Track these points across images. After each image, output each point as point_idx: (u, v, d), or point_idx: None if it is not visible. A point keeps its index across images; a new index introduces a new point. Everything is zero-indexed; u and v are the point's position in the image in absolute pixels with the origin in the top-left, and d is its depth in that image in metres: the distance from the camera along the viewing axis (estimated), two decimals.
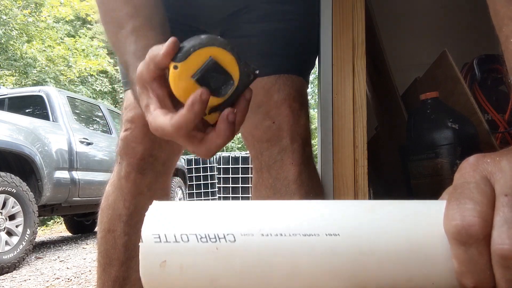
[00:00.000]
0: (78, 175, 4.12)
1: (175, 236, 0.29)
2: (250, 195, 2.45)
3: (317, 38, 0.89)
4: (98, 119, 5.21)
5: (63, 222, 5.73)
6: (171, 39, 0.46)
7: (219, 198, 7.70)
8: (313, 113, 2.51)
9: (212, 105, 0.48)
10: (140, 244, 0.29)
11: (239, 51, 0.48)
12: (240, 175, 7.58)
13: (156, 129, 0.49)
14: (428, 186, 0.96)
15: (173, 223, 0.29)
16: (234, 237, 0.29)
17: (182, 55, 0.46)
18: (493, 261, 0.26)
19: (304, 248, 0.28)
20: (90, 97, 9.29)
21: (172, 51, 0.46)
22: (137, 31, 0.59)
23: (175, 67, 0.46)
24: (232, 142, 13.91)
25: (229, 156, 7.72)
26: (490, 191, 0.27)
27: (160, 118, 0.48)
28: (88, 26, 11.28)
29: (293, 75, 0.83)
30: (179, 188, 6.31)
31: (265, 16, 0.83)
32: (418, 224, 0.29)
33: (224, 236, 0.29)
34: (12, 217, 3.31)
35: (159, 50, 0.47)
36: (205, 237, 0.29)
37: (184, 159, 7.68)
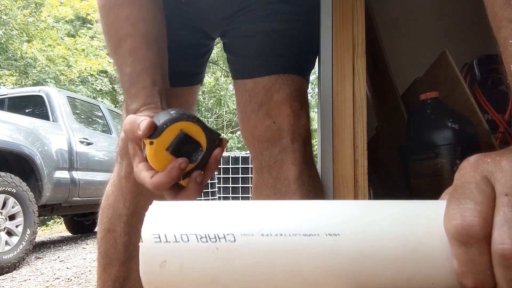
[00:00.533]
0: (78, 175, 4.11)
1: (175, 236, 0.29)
2: (250, 195, 2.44)
3: (317, 38, 0.89)
4: (98, 119, 5.21)
5: (63, 222, 5.73)
6: (147, 122, 0.53)
7: (219, 198, 7.69)
8: (313, 113, 2.51)
9: (186, 170, 0.56)
10: (140, 244, 0.29)
11: (203, 122, 0.57)
12: (240, 175, 7.58)
13: (138, 180, 0.58)
14: (428, 186, 0.96)
15: (173, 223, 0.30)
16: (234, 237, 0.29)
17: (157, 133, 0.53)
18: (493, 261, 0.26)
19: (304, 248, 0.28)
20: (90, 97, 9.28)
21: (148, 132, 0.53)
22: (134, 52, 0.65)
23: (151, 143, 0.54)
24: (232, 142, 13.92)
25: (229, 156, 7.72)
26: (490, 191, 0.27)
27: (143, 174, 0.57)
28: (89, 25, 11.28)
29: (294, 75, 0.83)
30: None
31: (265, 16, 0.83)
32: (418, 224, 0.29)
33: (224, 236, 0.29)
34: (12, 217, 3.31)
35: (136, 128, 0.54)
36: (205, 237, 0.29)
37: None
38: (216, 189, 7.85)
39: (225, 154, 7.95)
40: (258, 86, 0.83)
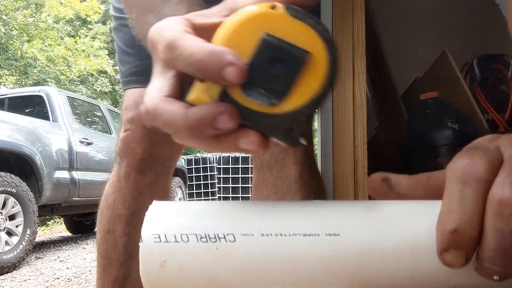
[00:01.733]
0: (78, 175, 4.12)
1: (175, 236, 0.29)
2: (250, 195, 2.44)
3: None
4: (98, 119, 5.21)
5: (63, 222, 5.73)
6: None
7: (219, 198, 7.70)
8: None
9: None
10: (140, 244, 0.29)
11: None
12: (240, 175, 7.58)
13: (156, 116, 0.30)
14: None
15: (173, 223, 0.29)
16: (234, 237, 0.29)
17: None
18: (487, 207, 0.25)
19: (304, 248, 0.28)
20: (90, 97, 9.29)
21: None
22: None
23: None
24: None
25: (229, 156, 7.72)
26: (500, 156, 0.27)
27: (172, 105, 0.31)
28: (89, 26, 11.29)
29: None
30: (179, 188, 6.32)
31: None
32: (418, 224, 0.29)
33: (224, 236, 0.29)
34: (12, 217, 3.31)
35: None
36: (205, 237, 0.29)
37: (184, 159, 7.68)
38: (216, 189, 7.85)
39: (225, 154, 7.95)
40: None
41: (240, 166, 7.59)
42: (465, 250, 0.25)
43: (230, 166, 7.68)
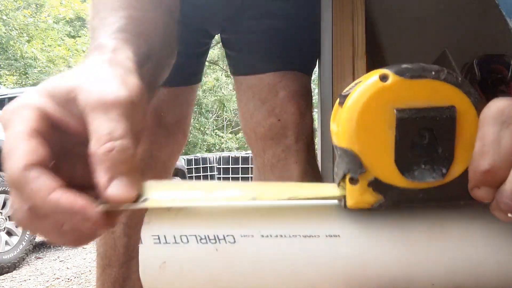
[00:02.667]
0: None
1: (174, 237, 0.29)
2: None
3: (318, 37, 0.88)
4: None
5: None
6: None
7: None
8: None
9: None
10: (139, 245, 0.29)
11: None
12: (240, 175, 7.58)
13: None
14: None
15: (173, 224, 0.29)
16: (234, 238, 0.28)
17: None
18: None
19: (304, 249, 0.28)
20: None
21: None
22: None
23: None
24: (232, 142, 13.91)
25: (229, 156, 7.72)
26: None
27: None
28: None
29: (299, 72, 0.82)
30: None
31: (267, 13, 0.82)
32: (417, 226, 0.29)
33: (224, 237, 0.28)
34: (12, 217, 3.31)
35: None
36: (205, 238, 0.29)
37: (184, 159, 7.68)
38: None
39: (225, 154, 7.95)
40: (263, 83, 0.81)
41: (240, 166, 7.59)
42: (495, 188, 0.26)
43: (230, 166, 7.68)
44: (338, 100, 0.28)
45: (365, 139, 0.25)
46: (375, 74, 0.25)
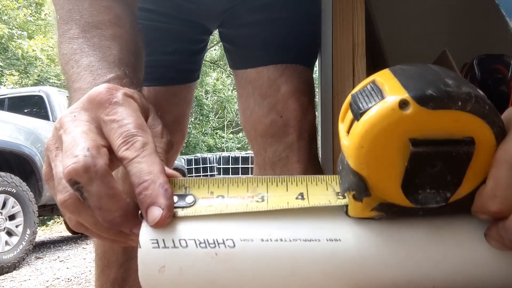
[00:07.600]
0: None
1: (173, 241, 0.28)
2: None
3: (319, 29, 0.86)
4: None
5: (63, 222, 5.72)
6: None
7: None
8: None
9: None
10: (138, 249, 0.29)
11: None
12: (240, 175, 7.57)
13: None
14: None
15: (171, 228, 0.29)
16: (233, 242, 0.28)
17: None
18: None
19: (304, 253, 0.28)
20: None
21: None
22: (120, 39, 0.49)
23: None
24: (232, 142, 13.91)
25: (229, 156, 7.72)
26: None
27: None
28: None
29: (301, 66, 0.79)
30: None
31: (266, 5, 0.80)
32: (418, 229, 0.29)
33: (223, 241, 0.28)
34: (12, 217, 3.31)
35: None
36: (204, 242, 0.28)
37: (184, 159, 7.68)
38: None
39: (225, 154, 7.95)
40: (262, 77, 0.78)
41: (240, 166, 7.59)
42: (499, 220, 0.26)
43: (230, 166, 7.68)
44: (350, 105, 0.26)
45: (375, 166, 0.25)
46: (395, 94, 0.23)
